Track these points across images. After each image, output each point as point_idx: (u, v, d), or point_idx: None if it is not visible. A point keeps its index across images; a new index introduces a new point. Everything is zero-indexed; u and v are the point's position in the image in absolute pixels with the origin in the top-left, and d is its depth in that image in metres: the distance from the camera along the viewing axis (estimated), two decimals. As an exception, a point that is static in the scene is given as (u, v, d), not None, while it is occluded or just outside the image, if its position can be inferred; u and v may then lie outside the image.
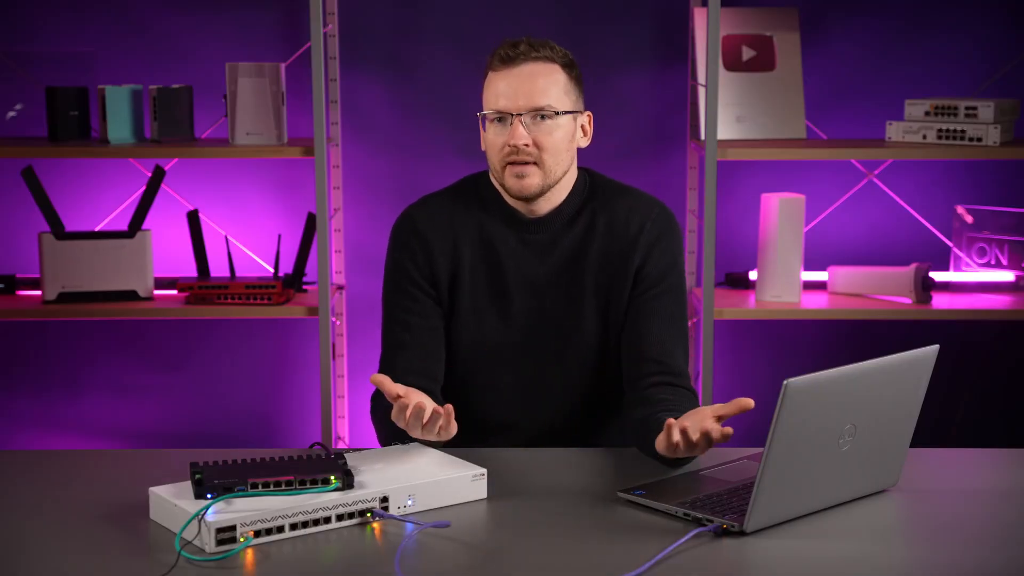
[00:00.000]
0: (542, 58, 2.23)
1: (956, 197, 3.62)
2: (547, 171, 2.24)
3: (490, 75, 2.26)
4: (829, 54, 3.57)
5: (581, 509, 1.93)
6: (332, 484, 1.84)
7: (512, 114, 2.21)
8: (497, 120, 2.23)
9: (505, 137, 2.23)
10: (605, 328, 2.32)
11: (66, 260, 3.30)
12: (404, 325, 2.30)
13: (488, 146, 2.27)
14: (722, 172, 3.53)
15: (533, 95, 2.21)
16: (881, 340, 3.64)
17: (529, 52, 2.22)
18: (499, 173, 2.26)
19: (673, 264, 2.32)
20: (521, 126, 2.21)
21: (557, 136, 2.23)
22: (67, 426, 3.69)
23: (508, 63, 2.23)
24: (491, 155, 2.27)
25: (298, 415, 3.72)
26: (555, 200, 2.31)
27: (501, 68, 2.24)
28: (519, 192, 2.25)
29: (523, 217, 2.32)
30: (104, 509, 1.90)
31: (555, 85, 2.23)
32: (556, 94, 2.23)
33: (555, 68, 2.24)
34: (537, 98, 2.21)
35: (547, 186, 2.26)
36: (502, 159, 2.24)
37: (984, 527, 1.87)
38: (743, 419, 2.17)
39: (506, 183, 2.26)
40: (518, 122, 2.21)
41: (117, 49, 3.52)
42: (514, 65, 2.22)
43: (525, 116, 2.21)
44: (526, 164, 2.23)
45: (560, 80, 2.24)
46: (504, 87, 2.22)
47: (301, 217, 3.57)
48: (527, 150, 2.22)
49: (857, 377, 1.81)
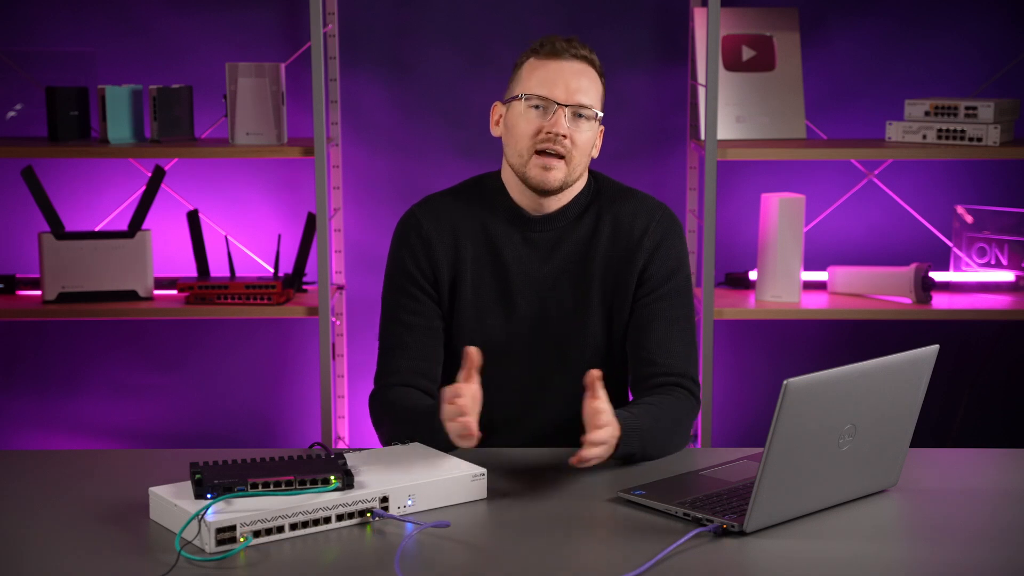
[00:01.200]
0: (588, 60, 2.28)
1: (956, 197, 3.62)
2: (572, 169, 2.26)
3: (532, 61, 2.27)
4: (829, 54, 3.57)
5: (581, 509, 1.93)
6: (332, 484, 1.84)
7: (557, 103, 2.23)
8: (535, 107, 2.24)
9: (541, 124, 2.23)
10: (609, 330, 2.32)
11: (66, 260, 3.30)
12: (405, 325, 2.30)
13: (515, 130, 2.26)
14: (722, 172, 3.53)
15: (579, 92, 2.24)
16: (881, 340, 3.64)
17: (580, 50, 2.26)
18: (523, 159, 2.26)
19: (678, 267, 2.33)
20: (563, 117, 2.22)
21: (587, 136, 2.26)
22: (67, 426, 3.69)
23: (558, 55, 2.25)
24: (518, 140, 2.26)
25: (298, 415, 3.72)
26: (563, 200, 2.32)
27: (549, 58, 2.25)
28: (541, 184, 2.25)
29: (527, 215, 2.32)
30: (104, 509, 1.90)
31: (595, 88, 2.28)
32: (595, 97, 2.27)
33: (596, 73, 2.29)
34: (582, 96, 2.24)
35: (567, 184, 2.27)
36: (532, 145, 2.24)
37: (984, 527, 1.87)
38: (743, 419, 2.17)
39: (529, 171, 2.25)
40: (561, 112, 2.22)
41: (117, 49, 3.52)
42: (563, 59, 2.25)
43: (567, 109, 2.23)
44: (555, 157, 2.24)
45: (599, 86, 2.29)
46: (553, 76, 2.24)
47: (301, 217, 3.57)
48: (563, 142, 2.23)
49: (857, 377, 1.81)
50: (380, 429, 2.29)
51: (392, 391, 2.27)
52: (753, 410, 3.67)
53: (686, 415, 2.23)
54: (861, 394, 1.83)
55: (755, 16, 3.49)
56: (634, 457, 2.11)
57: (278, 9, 3.54)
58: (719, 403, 3.65)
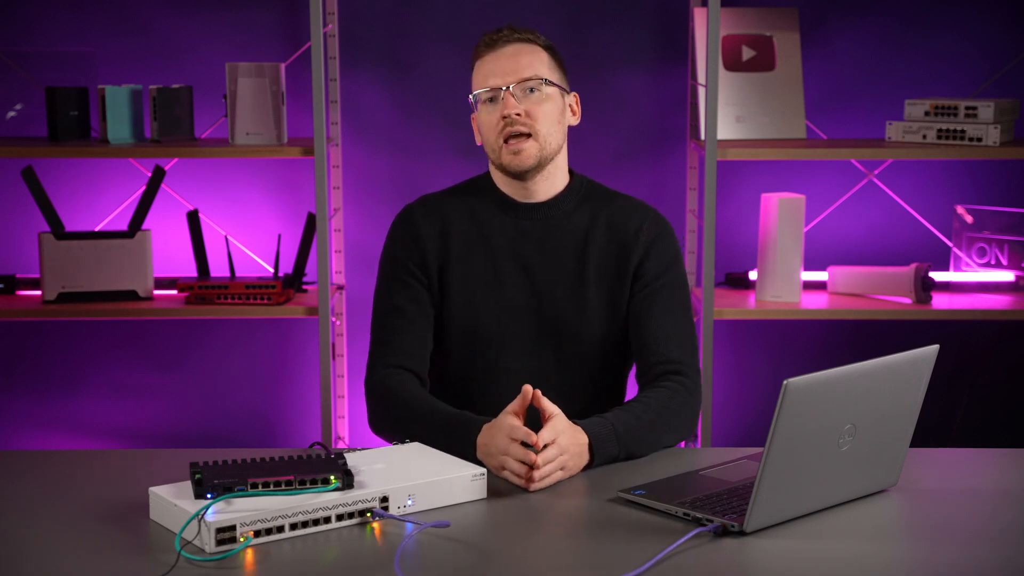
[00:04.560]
0: (524, 40, 2.33)
1: (956, 197, 3.62)
2: (542, 143, 2.29)
3: (477, 64, 2.35)
4: (829, 54, 3.57)
5: (581, 509, 1.93)
6: (332, 484, 1.84)
7: (502, 88, 2.28)
8: (489, 100, 2.30)
9: (498, 113, 2.28)
10: (607, 323, 2.33)
11: (66, 260, 3.30)
12: (397, 309, 2.33)
13: (483, 128, 2.33)
14: (722, 172, 3.53)
15: (519, 69, 2.29)
16: (881, 340, 3.64)
17: (512, 35, 2.32)
18: (497, 153, 2.30)
19: (673, 260, 2.35)
20: (512, 97, 2.27)
21: (547, 108, 2.29)
22: (67, 426, 3.69)
23: (492, 46, 2.32)
24: (487, 136, 2.32)
25: (298, 415, 3.72)
26: (552, 185, 2.35)
27: (487, 52, 2.32)
28: (517, 166, 2.29)
29: (516, 202, 2.35)
30: (104, 509, 1.90)
31: (539, 61, 2.31)
32: (541, 68, 2.31)
33: (537, 48, 2.33)
34: (524, 71, 2.29)
35: (544, 159, 2.30)
36: (498, 136, 2.29)
37: (984, 527, 1.87)
38: (743, 419, 2.17)
39: (503, 160, 2.30)
40: (508, 94, 2.27)
41: (117, 49, 3.52)
42: (498, 47, 2.31)
43: (515, 88, 2.28)
44: (521, 137, 2.27)
45: (544, 58, 2.33)
46: (492, 67, 2.30)
47: (301, 217, 3.57)
48: (520, 120, 2.27)
49: (857, 377, 1.81)
50: (380, 418, 2.28)
51: (392, 379, 2.28)
52: (753, 410, 3.67)
53: (682, 405, 2.22)
54: (861, 394, 1.83)
55: (755, 16, 3.49)
56: (619, 458, 2.11)
57: (278, 9, 3.54)
58: (719, 403, 3.65)
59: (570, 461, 2.02)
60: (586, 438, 2.06)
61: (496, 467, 2.01)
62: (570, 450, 2.02)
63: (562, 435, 2.01)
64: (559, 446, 2.00)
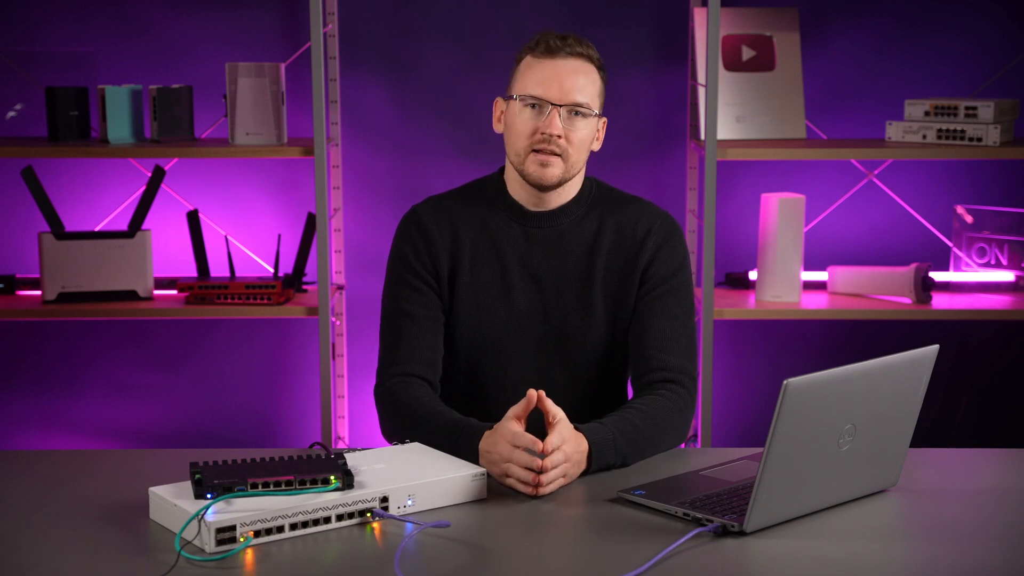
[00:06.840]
0: (585, 56, 2.28)
1: (956, 197, 3.62)
2: (569, 165, 2.28)
3: (529, 59, 2.28)
4: (829, 54, 3.57)
5: (581, 509, 1.93)
6: (332, 484, 1.84)
7: (551, 103, 2.24)
8: (531, 106, 2.26)
9: (537, 124, 2.25)
10: (611, 329, 2.33)
11: (66, 260, 3.30)
12: (408, 315, 2.31)
13: (513, 129, 2.28)
14: (722, 172, 3.53)
15: (574, 90, 2.25)
16: (881, 340, 3.64)
17: (575, 47, 2.26)
18: (521, 157, 2.28)
19: (680, 267, 2.34)
20: (558, 117, 2.23)
21: (584, 134, 2.27)
22: (67, 426, 3.69)
23: (553, 53, 2.26)
24: (515, 138, 2.28)
25: (298, 415, 3.72)
26: (564, 196, 2.34)
27: (545, 57, 2.26)
28: (539, 180, 2.27)
29: (527, 210, 2.34)
30: (104, 509, 1.90)
31: (593, 85, 2.28)
32: (592, 94, 2.27)
33: (593, 69, 2.29)
34: (577, 94, 2.25)
35: (565, 179, 2.29)
36: (529, 144, 2.26)
37: (984, 527, 1.87)
38: (743, 419, 2.17)
39: (527, 168, 2.27)
40: (556, 112, 2.24)
41: (117, 49, 3.52)
42: (558, 56, 2.26)
43: (563, 109, 2.24)
44: (552, 155, 2.25)
45: (596, 81, 2.29)
46: (548, 76, 2.25)
47: (301, 217, 3.57)
48: (558, 141, 2.24)
49: (857, 377, 1.81)
50: (389, 426, 2.27)
51: (400, 387, 2.26)
52: (753, 410, 3.67)
53: (677, 413, 2.22)
54: (861, 394, 1.83)
55: (755, 16, 3.49)
56: (614, 466, 2.11)
57: (278, 9, 3.54)
58: (719, 403, 3.65)
59: (572, 468, 2.02)
60: (587, 445, 2.05)
61: (499, 475, 2.00)
62: (573, 457, 2.02)
63: (567, 442, 2.00)
64: (564, 452, 1.99)
